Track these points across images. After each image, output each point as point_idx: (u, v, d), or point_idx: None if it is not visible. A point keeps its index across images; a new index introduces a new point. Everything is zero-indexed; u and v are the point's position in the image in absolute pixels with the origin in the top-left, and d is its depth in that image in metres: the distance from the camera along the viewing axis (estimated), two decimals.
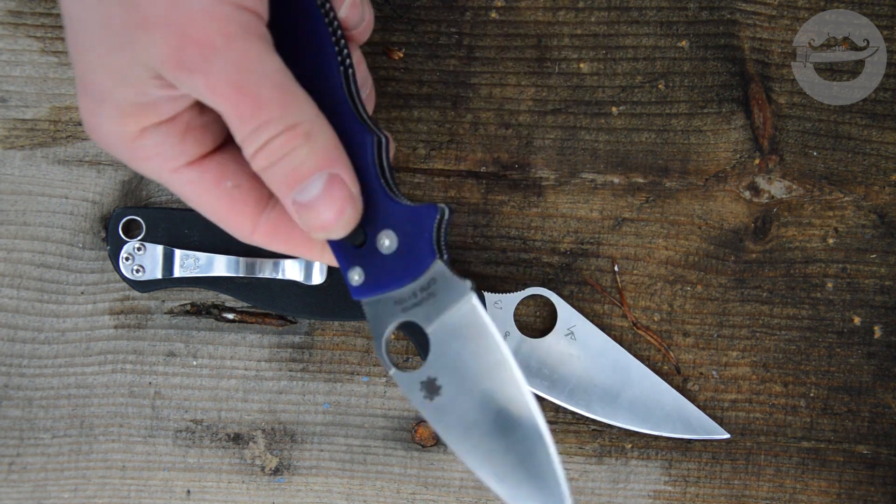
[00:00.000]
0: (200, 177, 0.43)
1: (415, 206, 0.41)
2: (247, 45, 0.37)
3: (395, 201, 0.41)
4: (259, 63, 0.38)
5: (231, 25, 0.37)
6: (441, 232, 0.41)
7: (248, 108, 0.38)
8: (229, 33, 0.37)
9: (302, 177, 0.40)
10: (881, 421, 0.54)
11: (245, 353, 0.55)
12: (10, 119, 0.54)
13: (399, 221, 0.41)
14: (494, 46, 0.54)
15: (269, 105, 0.38)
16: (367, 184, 0.42)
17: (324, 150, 0.39)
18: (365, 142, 0.41)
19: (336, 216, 0.40)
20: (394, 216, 0.41)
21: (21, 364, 0.54)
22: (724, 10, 0.54)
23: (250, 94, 0.38)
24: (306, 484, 0.55)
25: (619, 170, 0.54)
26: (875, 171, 0.54)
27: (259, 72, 0.38)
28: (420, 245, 0.41)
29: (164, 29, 0.37)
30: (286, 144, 0.39)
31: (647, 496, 0.54)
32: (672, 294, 0.54)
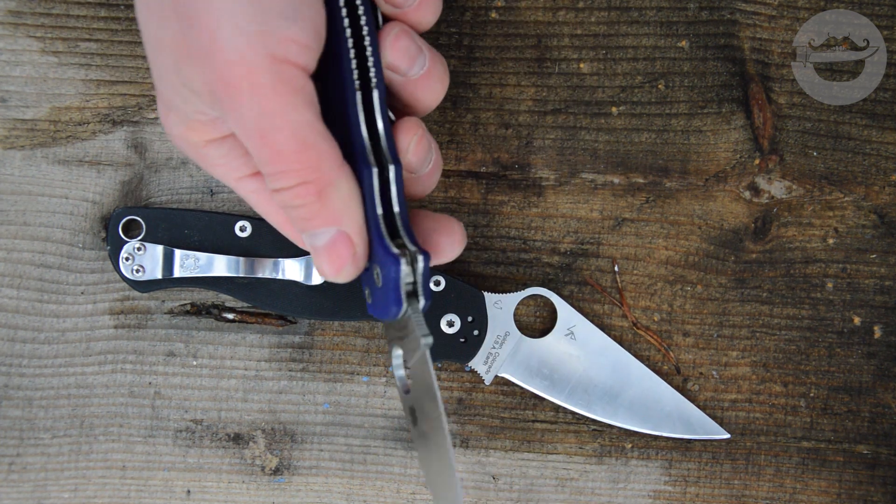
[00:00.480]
0: (262, 187, 0.45)
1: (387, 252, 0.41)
2: (274, 98, 0.38)
3: (380, 239, 0.42)
4: (283, 116, 0.38)
5: (263, 76, 0.38)
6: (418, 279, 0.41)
7: (267, 156, 0.39)
8: (259, 84, 0.38)
9: (310, 227, 0.41)
10: (881, 421, 0.54)
11: (245, 353, 0.55)
12: (10, 119, 0.54)
13: (380, 260, 0.42)
14: (494, 46, 0.54)
15: (287, 158, 0.39)
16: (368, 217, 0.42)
17: (334, 209, 0.41)
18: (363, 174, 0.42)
19: (334, 272, 0.42)
20: (378, 254, 0.42)
21: (21, 364, 0.54)
22: (724, 10, 0.54)
23: (270, 144, 0.39)
24: (306, 484, 0.55)
25: (619, 170, 0.54)
26: (875, 171, 0.54)
27: (282, 124, 0.38)
28: (390, 292, 0.41)
29: (203, 64, 0.38)
30: (297, 198, 0.40)
31: (647, 496, 0.54)
32: (672, 294, 0.54)
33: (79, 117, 0.54)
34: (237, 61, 0.37)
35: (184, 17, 0.38)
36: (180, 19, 0.38)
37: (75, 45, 0.54)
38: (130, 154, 0.54)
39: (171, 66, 0.40)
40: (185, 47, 0.38)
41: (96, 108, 0.54)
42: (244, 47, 0.37)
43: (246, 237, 0.52)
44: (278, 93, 0.38)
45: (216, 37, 0.37)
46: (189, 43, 0.38)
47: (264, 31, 0.37)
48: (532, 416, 0.54)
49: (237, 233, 0.52)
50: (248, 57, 0.37)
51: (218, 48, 0.37)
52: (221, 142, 0.43)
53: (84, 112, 0.54)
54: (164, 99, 0.42)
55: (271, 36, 0.38)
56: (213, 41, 0.37)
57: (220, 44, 0.37)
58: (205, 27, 0.37)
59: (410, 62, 0.43)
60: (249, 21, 0.37)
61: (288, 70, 0.38)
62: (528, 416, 0.54)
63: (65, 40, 0.54)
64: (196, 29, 0.37)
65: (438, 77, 0.45)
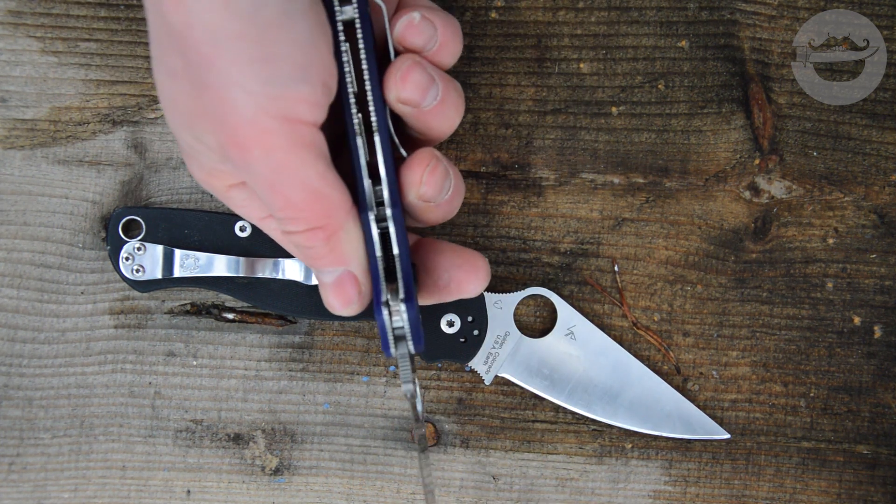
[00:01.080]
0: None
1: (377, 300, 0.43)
2: (285, 157, 0.39)
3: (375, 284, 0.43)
4: (293, 172, 0.39)
5: (273, 138, 0.38)
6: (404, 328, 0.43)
7: (279, 205, 0.40)
8: (269, 145, 0.38)
9: (318, 266, 0.43)
10: (881, 421, 0.54)
11: (245, 353, 0.55)
12: (10, 119, 0.54)
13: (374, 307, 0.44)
14: (494, 46, 0.54)
15: (297, 207, 0.40)
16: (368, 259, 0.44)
17: (341, 252, 0.42)
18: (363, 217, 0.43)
19: (340, 307, 0.44)
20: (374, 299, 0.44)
21: (21, 364, 0.54)
22: (724, 10, 0.54)
23: (282, 195, 0.40)
24: (306, 484, 0.55)
25: (619, 170, 0.54)
26: (875, 171, 0.54)
27: (292, 179, 0.39)
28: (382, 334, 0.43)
29: (216, 124, 0.39)
30: (307, 241, 0.42)
31: (647, 496, 0.54)
32: (672, 294, 0.54)
33: (79, 117, 0.54)
34: (248, 123, 0.38)
35: (195, 78, 0.38)
36: (191, 80, 0.38)
37: (75, 45, 0.54)
38: (130, 154, 0.54)
39: (185, 123, 0.40)
40: (197, 107, 0.39)
41: (96, 108, 0.54)
42: (255, 111, 0.38)
43: (246, 237, 0.52)
44: (289, 151, 0.39)
45: (226, 99, 0.38)
46: (200, 103, 0.38)
47: (274, 94, 0.38)
48: (532, 416, 0.54)
49: (237, 233, 0.52)
50: (258, 119, 0.38)
51: (228, 110, 0.38)
52: (242, 187, 0.44)
53: (84, 112, 0.54)
54: (183, 148, 0.43)
55: (282, 98, 0.38)
56: (224, 103, 0.38)
57: (230, 106, 0.38)
58: (215, 89, 0.38)
59: (423, 95, 0.43)
60: (259, 84, 0.37)
61: (298, 129, 0.39)
62: (528, 416, 0.54)
63: (65, 40, 0.54)
64: (207, 90, 0.38)
65: (453, 104, 0.44)
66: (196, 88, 0.38)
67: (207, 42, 0.37)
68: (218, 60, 0.37)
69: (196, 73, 0.38)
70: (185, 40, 0.37)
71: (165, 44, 0.39)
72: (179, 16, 0.37)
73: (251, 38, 0.37)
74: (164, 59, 0.39)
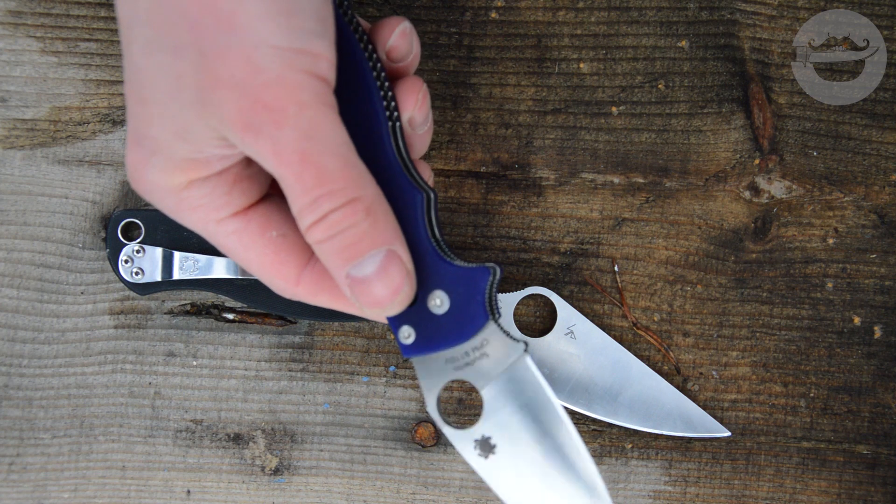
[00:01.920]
0: (245, 227, 0.43)
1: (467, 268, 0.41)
2: (317, 114, 0.37)
3: (446, 261, 0.41)
4: (326, 133, 0.37)
5: (304, 93, 0.37)
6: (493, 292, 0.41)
7: (312, 178, 0.37)
8: (302, 101, 0.37)
9: (359, 252, 0.39)
10: (881, 421, 0.54)
11: (245, 353, 0.55)
12: (10, 119, 0.54)
13: (450, 282, 0.41)
14: (494, 46, 0.54)
15: (333, 176, 0.38)
16: (418, 243, 0.41)
17: (383, 226, 0.39)
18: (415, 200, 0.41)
19: (391, 294, 0.40)
20: (445, 277, 0.41)
21: (21, 364, 0.54)
22: (724, 10, 0.53)
23: (315, 164, 0.37)
24: (306, 484, 0.55)
25: (619, 170, 0.54)
26: (875, 171, 0.54)
27: (326, 142, 0.37)
28: (473, 306, 0.41)
29: (237, 91, 0.37)
30: (347, 218, 0.38)
31: (647, 496, 0.54)
32: (672, 294, 0.54)
33: (79, 117, 0.54)
34: (277, 81, 0.36)
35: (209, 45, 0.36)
36: (202, 49, 0.37)
37: (75, 45, 0.54)
38: None
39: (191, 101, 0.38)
40: (213, 77, 0.37)
41: (96, 108, 0.54)
42: (282, 66, 0.36)
43: None
44: (320, 110, 0.37)
45: (251, 58, 0.36)
46: (217, 71, 0.37)
47: (300, 47, 0.37)
48: None
49: None
50: (287, 76, 0.36)
51: (254, 70, 0.36)
52: (205, 181, 0.41)
53: (84, 112, 0.54)
54: (147, 143, 0.40)
55: (306, 53, 0.37)
56: (249, 63, 0.36)
57: (256, 66, 0.36)
58: (237, 51, 0.36)
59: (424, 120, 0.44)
60: (284, 37, 0.36)
61: (322, 86, 0.38)
62: None
63: (65, 40, 0.54)
64: (226, 55, 0.36)
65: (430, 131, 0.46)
66: (210, 57, 0.36)
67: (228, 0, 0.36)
68: (240, 16, 0.36)
69: (212, 38, 0.36)
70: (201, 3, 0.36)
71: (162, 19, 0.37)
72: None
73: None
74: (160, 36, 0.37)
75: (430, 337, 0.42)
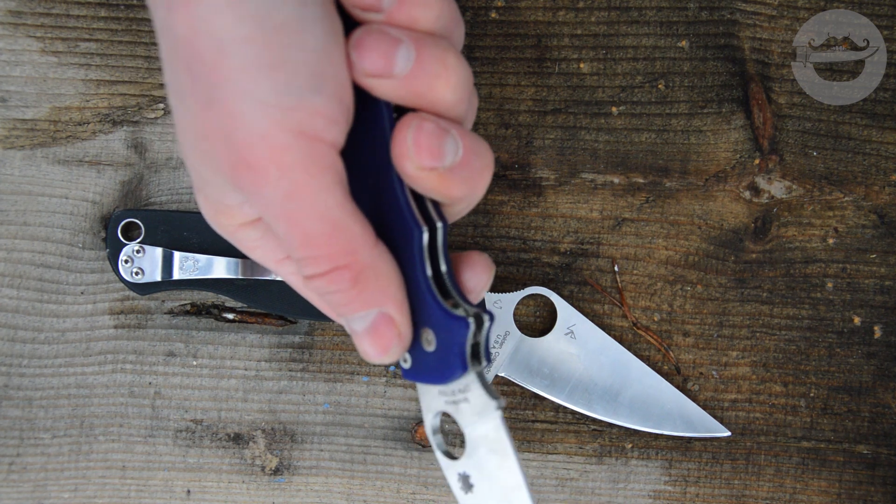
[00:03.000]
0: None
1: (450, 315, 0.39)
2: (302, 178, 0.35)
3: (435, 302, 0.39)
4: (312, 197, 0.35)
5: (288, 156, 0.34)
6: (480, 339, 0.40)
7: (297, 240, 0.36)
8: (284, 163, 0.35)
9: (350, 312, 0.39)
10: (881, 421, 0.54)
11: (245, 353, 0.55)
12: (10, 119, 0.54)
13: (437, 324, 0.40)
14: (494, 46, 0.54)
15: (318, 242, 0.36)
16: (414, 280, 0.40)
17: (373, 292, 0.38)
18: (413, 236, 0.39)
19: (378, 355, 0.39)
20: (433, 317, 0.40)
21: (21, 364, 0.54)
22: (724, 10, 0.53)
23: (299, 227, 0.36)
24: (306, 484, 0.55)
25: (619, 170, 0.54)
26: (875, 171, 0.54)
27: (311, 207, 0.35)
28: (452, 354, 0.39)
29: (225, 144, 0.35)
30: (331, 284, 0.37)
31: (647, 496, 0.54)
32: (672, 294, 0.54)
33: (79, 117, 0.54)
34: (260, 140, 0.34)
35: (202, 93, 0.34)
36: (198, 97, 0.35)
37: (75, 45, 0.54)
38: (130, 154, 0.54)
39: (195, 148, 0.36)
40: (204, 127, 0.35)
41: (96, 108, 0.54)
42: (267, 124, 0.34)
43: None
44: (307, 173, 0.35)
45: (236, 113, 0.34)
46: (207, 122, 0.35)
47: (289, 105, 0.34)
48: (532, 416, 0.54)
49: None
50: (272, 134, 0.34)
51: (239, 126, 0.34)
52: (253, 225, 0.40)
53: (84, 112, 0.54)
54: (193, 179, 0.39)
55: (297, 110, 0.34)
56: (233, 118, 0.34)
57: (240, 121, 0.34)
58: (223, 103, 0.34)
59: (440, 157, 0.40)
60: (271, 93, 0.34)
61: (316, 147, 0.35)
62: (528, 416, 0.54)
63: (65, 40, 0.54)
64: (214, 105, 0.34)
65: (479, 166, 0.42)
66: (203, 105, 0.35)
67: (213, 49, 0.33)
68: (225, 68, 0.34)
69: (203, 87, 0.34)
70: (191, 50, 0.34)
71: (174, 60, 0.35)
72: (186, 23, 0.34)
73: (261, 42, 0.33)
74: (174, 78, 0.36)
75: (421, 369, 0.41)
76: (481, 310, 0.40)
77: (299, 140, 0.34)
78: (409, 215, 0.39)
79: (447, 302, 0.40)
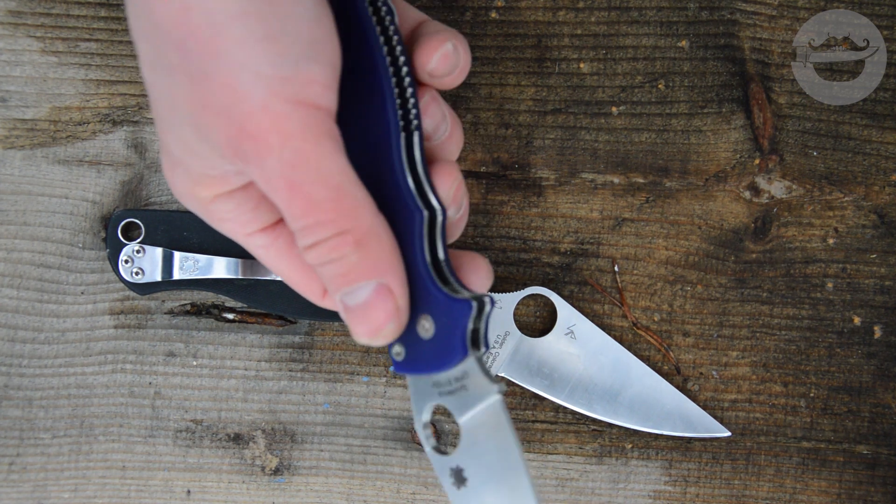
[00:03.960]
0: (273, 242, 0.42)
1: (451, 299, 0.39)
2: (304, 145, 0.36)
3: (435, 287, 0.39)
4: (315, 163, 0.36)
5: (289, 123, 0.35)
6: (480, 325, 0.39)
7: (300, 207, 0.37)
8: (286, 132, 0.35)
9: (348, 282, 0.39)
10: (881, 421, 0.54)
11: (245, 353, 0.55)
12: (10, 119, 0.54)
13: (437, 309, 0.39)
14: (494, 46, 0.54)
15: (322, 207, 0.37)
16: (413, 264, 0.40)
17: (375, 259, 0.38)
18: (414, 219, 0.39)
19: (372, 332, 0.39)
20: (432, 303, 0.39)
21: (21, 364, 0.54)
22: (724, 10, 0.53)
23: (303, 194, 0.36)
24: (306, 484, 0.55)
25: (619, 170, 0.54)
26: (875, 171, 0.54)
27: (314, 172, 0.36)
28: (453, 339, 0.39)
29: (223, 117, 0.35)
30: (335, 250, 0.37)
31: (648, 496, 0.54)
32: (672, 294, 0.54)
33: (79, 117, 0.54)
34: (261, 110, 0.35)
35: (196, 69, 0.35)
36: (191, 72, 0.35)
37: (75, 45, 0.54)
38: (130, 154, 0.54)
39: (186, 122, 0.37)
40: (201, 101, 0.36)
41: (96, 108, 0.54)
42: (266, 95, 0.35)
43: None
44: (308, 140, 0.36)
45: (235, 86, 0.35)
46: (205, 96, 0.35)
47: (286, 74, 0.35)
48: (532, 416, 0.54)
49: None
50: (271, 105, 0.35)
51: (238, 98, 0.35)
52: (230, 196, 0.40)
53: (84, 112, 0.54)
54: (170, 154, 0.40)
55: (294, 79, 0.35)
56: (233, 91, 0.35)
57: (240, 93, 0.35)
58: (221, 78, 0.35)
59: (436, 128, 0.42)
60: (268, 64, 0.35)
61: (315, 114, 0.36)
62: (528, 416, 0.54)
63: (65, 40, 0.54)
64: (210, 80, 0.35)
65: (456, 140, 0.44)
66: (197, 81, 0.35)
67: (207, 25, 0.34)
68: (221, 42, 0.34)
69: (197, 62, 0.35)
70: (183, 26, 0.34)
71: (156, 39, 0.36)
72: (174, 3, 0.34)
73: (254, 14, 0.34)
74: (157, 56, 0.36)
75: (416, 359, 0.41)
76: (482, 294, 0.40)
77: (298, 108, 0.35)
78: (409, 197, 0.39)
79: (446, 287, 0.39)
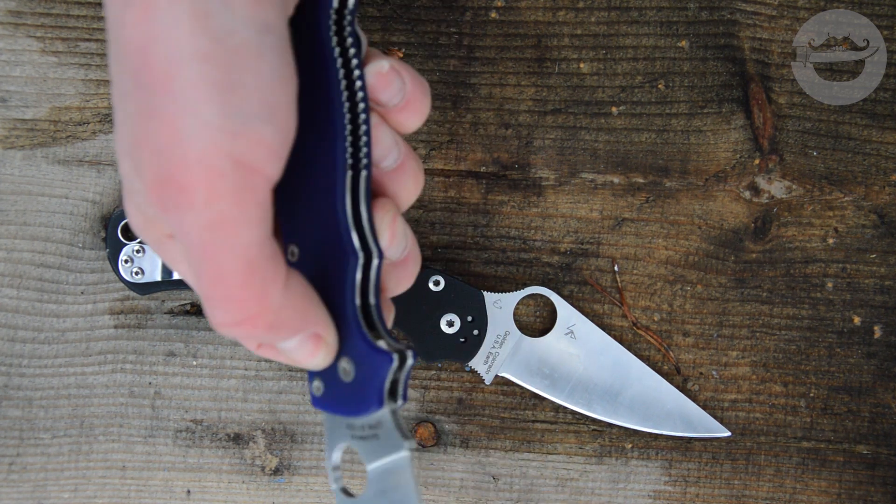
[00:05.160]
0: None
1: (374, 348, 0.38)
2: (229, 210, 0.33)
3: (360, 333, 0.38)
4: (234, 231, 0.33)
5: (221, 182, 0.33)
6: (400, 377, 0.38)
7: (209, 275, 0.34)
8: (215, 190, 0.33)
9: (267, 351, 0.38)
10: (881, 421, 0.54)
11: (245, 353, 0.55)
12: (10, 119, 0.54)
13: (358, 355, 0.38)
14: (494, 46, 0.54)
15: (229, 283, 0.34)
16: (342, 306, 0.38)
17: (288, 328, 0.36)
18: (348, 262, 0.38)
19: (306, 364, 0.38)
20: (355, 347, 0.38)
21: (21, 364, 0.54)
22: (724, 10, 0.53)
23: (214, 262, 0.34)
24: (306, 484, 0.55)
25: (619, 170, 0.54)
26: (875, 171, 0.54)
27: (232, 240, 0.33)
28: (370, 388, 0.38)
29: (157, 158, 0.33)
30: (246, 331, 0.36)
31: (647, 496, 0.54)
32: (672, 294, 0.54)
33: (79, 117, 0.54)
34: (196, 162, 0.32)
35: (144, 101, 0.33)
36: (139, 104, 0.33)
37: (75, 45, 0.54)
38: None
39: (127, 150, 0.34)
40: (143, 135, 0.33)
41: (96, 108, 0.54)
42: (207, 146, 0.32)
43: None
44: (235, 204, 0.33)
45: (177, 130, 0.32)
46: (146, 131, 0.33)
47: (234, 129, 0.32)
48: (532, 416, 0.54)
49: None
50: (209, 158, 0.32)
51: (177, 142, 0.32)
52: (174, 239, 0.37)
53: (84, 112, 0.54)
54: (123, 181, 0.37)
55: (241, 137, 0.32)
56: (174, 134, 0.32)
57: (180, 138, 0.32)
58: (166, 117, 0.32)
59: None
60: (217, 114, 0.32)
61: (251, 179, 0.33)
62: (528, 416, 0.54)
63: (65, 40, 0.54)
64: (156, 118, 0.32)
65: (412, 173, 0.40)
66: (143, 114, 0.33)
67: (167, 59, 0.32)
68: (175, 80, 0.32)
69: (147, 96, 0.32)
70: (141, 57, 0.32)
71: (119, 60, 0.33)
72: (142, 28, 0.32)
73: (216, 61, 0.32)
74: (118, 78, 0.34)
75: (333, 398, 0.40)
76: (405, 347, 0.38)
77: (236, 169, 0.33)
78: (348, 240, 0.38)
79: (371, 334, 0.38)
